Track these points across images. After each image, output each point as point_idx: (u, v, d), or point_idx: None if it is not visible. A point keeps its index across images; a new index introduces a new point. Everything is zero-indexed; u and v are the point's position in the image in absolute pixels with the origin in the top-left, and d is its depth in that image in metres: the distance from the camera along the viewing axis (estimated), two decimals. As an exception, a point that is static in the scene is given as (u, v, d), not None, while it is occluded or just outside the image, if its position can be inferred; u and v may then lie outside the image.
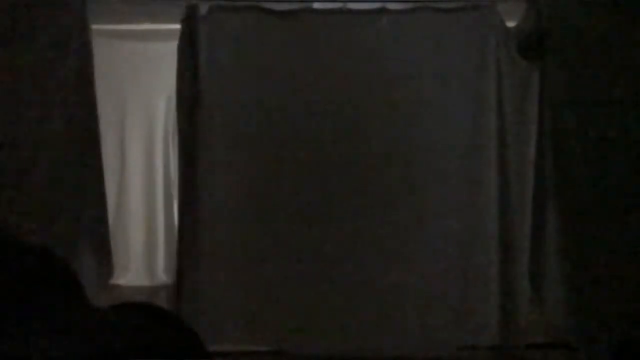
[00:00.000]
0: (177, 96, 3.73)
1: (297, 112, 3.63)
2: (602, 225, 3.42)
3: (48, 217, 3.49)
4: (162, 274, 5.52)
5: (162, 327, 0.70)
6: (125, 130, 5.47)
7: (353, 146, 3.62)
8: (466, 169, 3.66)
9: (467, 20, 3.64)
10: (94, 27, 3.75)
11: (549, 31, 3.53)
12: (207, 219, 3.64)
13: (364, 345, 3.66)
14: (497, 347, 3.70)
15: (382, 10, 3.70)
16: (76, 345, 0.62)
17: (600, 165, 3.44)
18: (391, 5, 3.94)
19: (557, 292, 3.58)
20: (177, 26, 5.37)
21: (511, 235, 3.63)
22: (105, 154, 4.12)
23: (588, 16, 3.45)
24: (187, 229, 3.66)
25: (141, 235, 5.52)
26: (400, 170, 3.64)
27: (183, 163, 3.68)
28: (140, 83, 5.42)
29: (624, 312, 3.34)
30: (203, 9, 3.78)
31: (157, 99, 5.49)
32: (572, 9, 3.51)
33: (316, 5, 4.84)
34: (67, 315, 0.68)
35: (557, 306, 3.60)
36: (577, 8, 3.50)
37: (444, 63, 3.62)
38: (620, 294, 3.36)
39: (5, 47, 3.44)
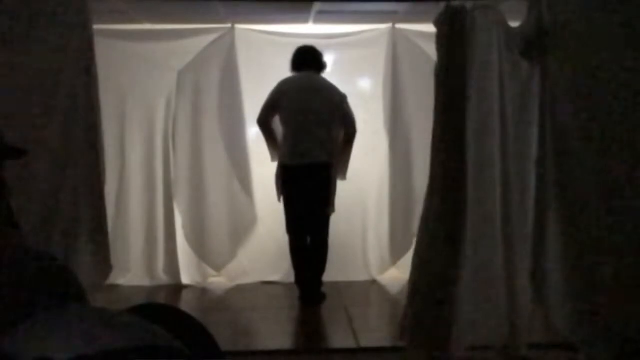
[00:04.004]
0: (437, 90, 3.61)
1: None
2: (603, 226, 3.42)
3: (48, 217, 3.49)
4: (162, 274, 5.52)
5: (175, 329, 0.70)
6: (125, 130, 5.48)
7: None
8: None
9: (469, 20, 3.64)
10: (94, 27, 3.75)
11: (550, 31, 3.53)
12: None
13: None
14: (497, 347, 3.70)
15: None
16: (76, 346, 0.62)
17: (601, 165, 3.44)
18: (398, 7, 3.94)
19: (557, 292, 3.58)
20: (177, 26, 5.40)
21: (512, 236, 3.63)
22: (106, 154, 4.12)
23: (589, 16, 3.46)
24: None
25: (141, 235, 5.52)
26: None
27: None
28: (140, 83, 5.42)
29: (625, 313, 3.34)
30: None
31: (157, 99, 5.49)
32: (573, 9, 3.51)
33: (316, 5, 4.86)
34: (67, 316, 0.68)
35: (557, 306, 3.60)
36: (577, 8, 3.50)
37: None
38: (621, 294, 3.37)
39: (7, 47, 3.44)
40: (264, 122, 4.98)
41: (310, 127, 4.84)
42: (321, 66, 5.02)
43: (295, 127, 4.86)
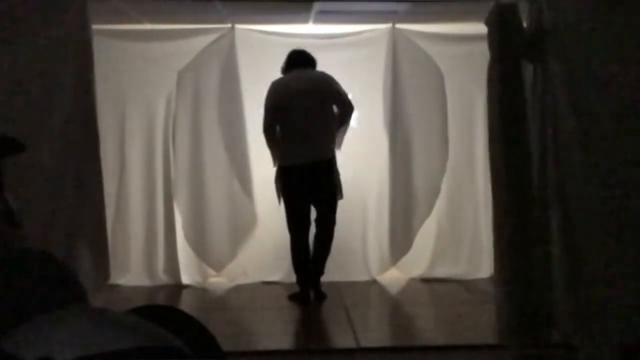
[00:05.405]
0: (490, 91, 3.57)
1: None
2: (603, 225, 3.42)
3: (47, 218, 3.49)
4: (162, 274, 5.52)
5: (175, 329, 0.70)
6: (125, 130, 5.47)
7: None
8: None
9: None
10: (94, 27, 3.75)
11: (550, 31, 3.53)
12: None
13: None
14: (497, 347, 3.70)
15: None
16: (78, 346, 0.62)
17: (601, 165, 3.44)
18: (396, 7, 3.92)
19: (557, 292, 3.58)
20: (177, 26, 5.39)
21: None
22: (105, 154, 4.12)
23: (589, 16, 3.45)
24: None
25: (141, 235, 5.52)
26: None
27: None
28: (140, 83, 5.42)
29: (625, 313, 3.34)
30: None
31: (157, 99, 5.49)
32: (573, 9, 3.50)
33: (316, 5, 4.86)
34: (68, 317, 0.68)
35: (557, 306, 3.60)
36: (577, 8, 3.50)
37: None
38: (621, 294, 3.36)
39: (6, 47, 3.43)
40: (270, 127, 4.96)
41: (309, 125, 4.84)
42: (311, 65, 5.02)
43: (295, 127, 4.86)
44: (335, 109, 4.98)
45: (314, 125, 4.85)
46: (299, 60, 4.99)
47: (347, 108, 4.99)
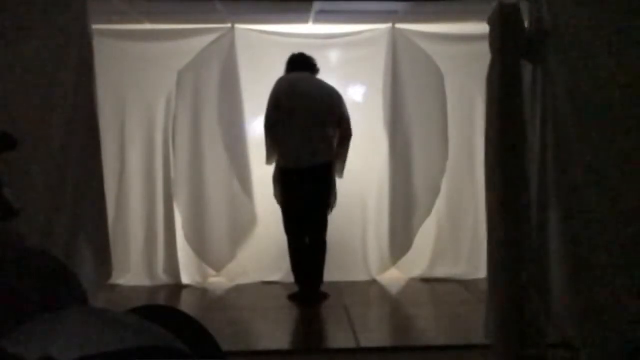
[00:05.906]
0: (489, 90, 3.59)
1: None
2: (604, 225, 3.42)
3: (48, 218, 3.49)
4: (162, 274, 5.52)
5: (176, 330, 0.70)
6: (125, 130, 5.48)
7: None
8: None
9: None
10: (94, 27, 3.75)
11: (551, 32, 3.53)
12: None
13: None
14: (497, 347, 3.70)
15: None
16: (79, 346, 0.62)
17: (602, 165, 3.44)
18: (398, 7, 3.91)
19: (558, 292, 3.58)
20: (177, 26, 5.39)
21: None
22: (105, 154, 4.12)
23: (589, 16, 3.45)
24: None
25: (141, 236, 5.52)
26: None
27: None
28: (140, 83, 5.42)
29: (626, 313, 3.34)
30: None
31: (157, 99, 5.49)
32: (573, 10, 3.50)
33: (316, 5, 4.86)
34: (70, 317, 0.68)
35: (558, 307, 3.60)
36: (577, 8, 3.50)
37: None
38: (622, 294, 3.36)
39: (6, 47, 3.44)
40: (273, 125, 4.95)
41: (310, 128, 4.84)
42: (315, 69, 5.03)
43: (296, 129, 4.86)
44: (336, 127, 4.97)
45: (316, 129, 4.85)
46: (304, 63, 4.99)
47: (347, 131, 4.97)
